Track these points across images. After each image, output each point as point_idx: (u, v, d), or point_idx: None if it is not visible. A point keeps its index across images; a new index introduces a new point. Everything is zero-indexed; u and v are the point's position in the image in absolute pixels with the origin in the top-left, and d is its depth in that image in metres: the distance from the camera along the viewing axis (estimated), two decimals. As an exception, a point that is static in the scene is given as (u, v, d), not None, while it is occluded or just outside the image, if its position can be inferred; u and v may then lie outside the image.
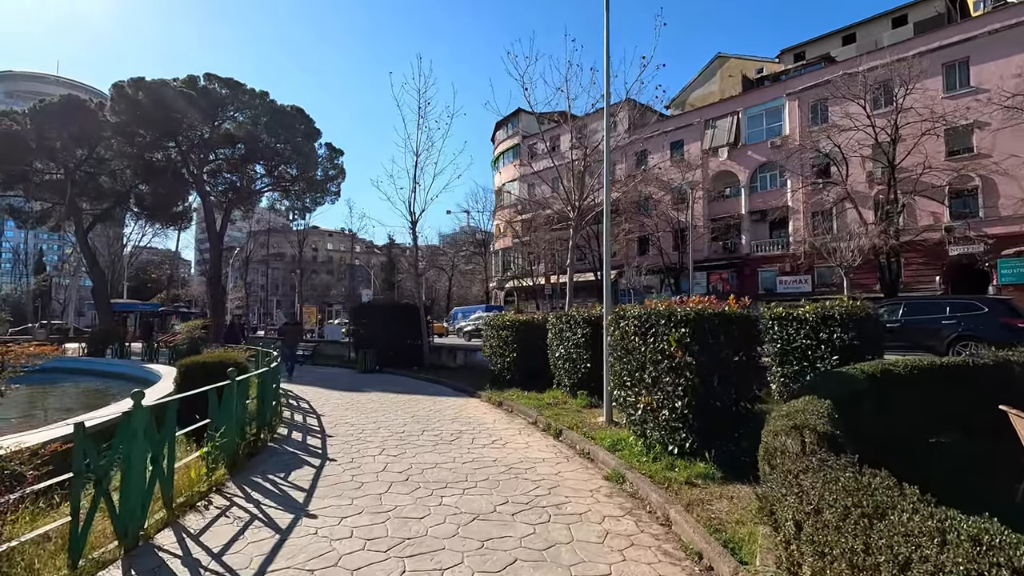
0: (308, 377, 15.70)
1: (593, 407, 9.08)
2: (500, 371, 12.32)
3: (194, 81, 35.48)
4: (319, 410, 9.43)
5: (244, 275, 66.35)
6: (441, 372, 15.28)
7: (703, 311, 5.45)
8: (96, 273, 38.94)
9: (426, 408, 9.69)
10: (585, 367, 9.55)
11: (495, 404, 10.20)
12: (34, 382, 11.99)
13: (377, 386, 13.09)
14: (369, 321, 17.97)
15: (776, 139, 33.84)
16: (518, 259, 48.76)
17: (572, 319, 9.86)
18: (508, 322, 12.03)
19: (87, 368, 18.14)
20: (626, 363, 6.13)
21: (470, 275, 69.61)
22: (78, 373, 17.21)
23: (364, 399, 10.77)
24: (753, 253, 35.21)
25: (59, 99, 35.26)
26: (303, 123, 38.76)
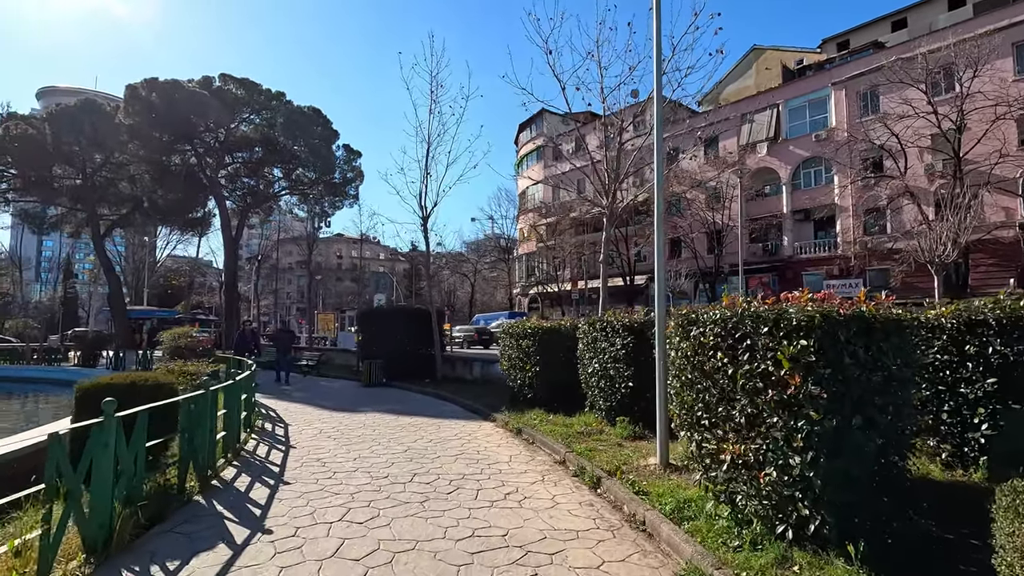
0: (307, 391, 13.99)
1: (637, 439, 7.07)
2: (520, 388, 10.37)
3: (209, 82, 34.62)
4: (294, 439, 7.62)
5: (256, 283, 65.87)
6: (454, 387, 13.40)
7: (831, 312, 3.44)
8: (112, 279, 38.33)
9: (427, 437, 7.79)
10: (626, 387, 7.54)
11: (512, 432, 8.25)
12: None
13: (378, 404, 11.27)
14: (376, 328, 16.21)
15: (821, 132, 31.30)
16: (542, 264, 46.79)
17: (609, 326, 7.88)
18: (529, 329, 10.09)
19: (36, 376, 16.95)
20: (700, 391, 4.13)
21: (494, 282, 67.96)
22: (24, 381, 16.28)
23: (355, 423, 8.93)
24: (796, 255, 32.61)
25: (76, 103, 34.74)
26: (320, 124, 37.63)
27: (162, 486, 4.66)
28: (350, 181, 39.89)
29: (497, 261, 62.09)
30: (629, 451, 6.47)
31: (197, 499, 4.80)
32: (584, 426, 7.87)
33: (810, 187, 32.31)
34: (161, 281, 58.49)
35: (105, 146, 35.04)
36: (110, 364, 18.67)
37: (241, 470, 5.89)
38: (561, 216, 43.66)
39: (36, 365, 18.90)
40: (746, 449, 3.71)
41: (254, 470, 5.92)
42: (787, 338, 3.47)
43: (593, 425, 7.88)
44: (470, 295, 63.01)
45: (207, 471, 5.29)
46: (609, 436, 7.23)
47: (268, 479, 5.53)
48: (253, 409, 8.56)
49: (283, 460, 6.35)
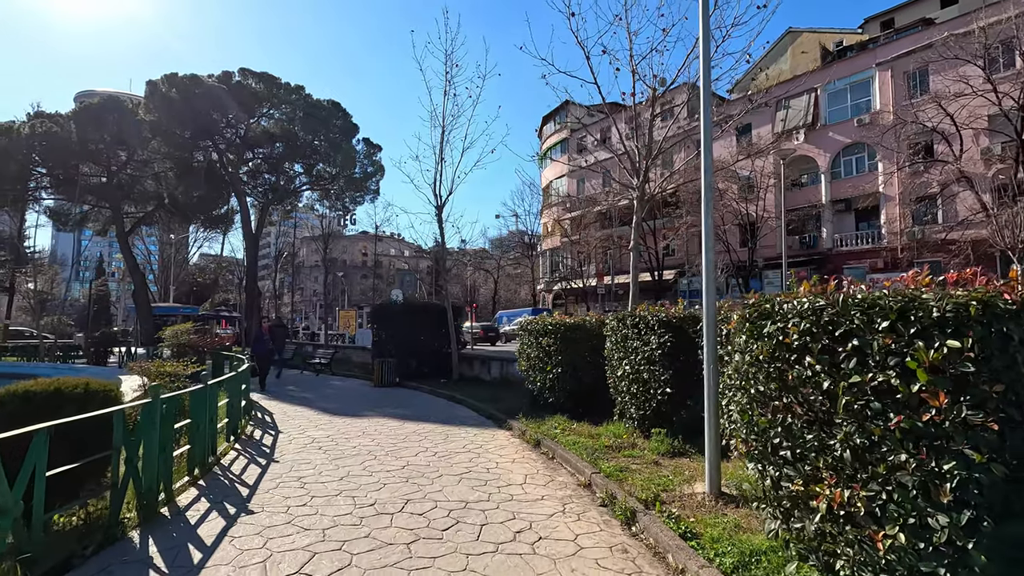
0: (313, 391, 13.15)
1: (678, 455, 5.94)
2: (540, 391, 9.30)
3: (228, 76, 34.32)
4: (280, 450, 6.68)
5: (275, 279, 66.07)
6: (470, 388, 12.39)
7: (994, 298, 2.29)
8: (137, 277, 38.44)
9: (431, 449, 6.78)
10: (663, 393, 6.42)
11: (530, 443, 7.19)
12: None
13: (385, 407, 10.32)
14: (390, 326, 15.30)
15: (864, 116, 29.36)
16: (567, 259, 45.57)
17: (643, 322, 6.75)
18: (550, 326, 9.01)
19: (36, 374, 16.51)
20: (779, 409, 3.01)
21: (517, 278, 66.92)
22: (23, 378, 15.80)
23: (354, 430, 7.98)
24: (836, 247, 30.74)
25: (98, 100, 34.82)
26: (340, 118, 37.06)
27: (85, 521, 3.75)
28: (371, 176, 39.26)
29: (521, 257, 61.01)
30: (669, 472, 5.35)
31: (131, 536, 3.86)
32: (613, 438, 6.77)
33: (851, 175, 30.39)
34: (187, 279, 59.01)
35: (128, 143, 35.08)
36: (121, 362, 18.20)
37: (203, 493, 4.96)
38: (586, 210, 42.39)
39: (47, 362, 18.56)
40: (852, 496, 2.58)
41: (219, 493, 4.98)
42: (923, 337, 2.33)
43: (624, 437, 6.76)
44: (493, 292, 62.08)
45: (156, 497, 4.36)
46: (643, 452, 6.12)
47: (231, 506, 4.58)
48: (240, 416, 7.68)
49: (258, 479, 5.40)
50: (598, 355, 8.57)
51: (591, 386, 8.76)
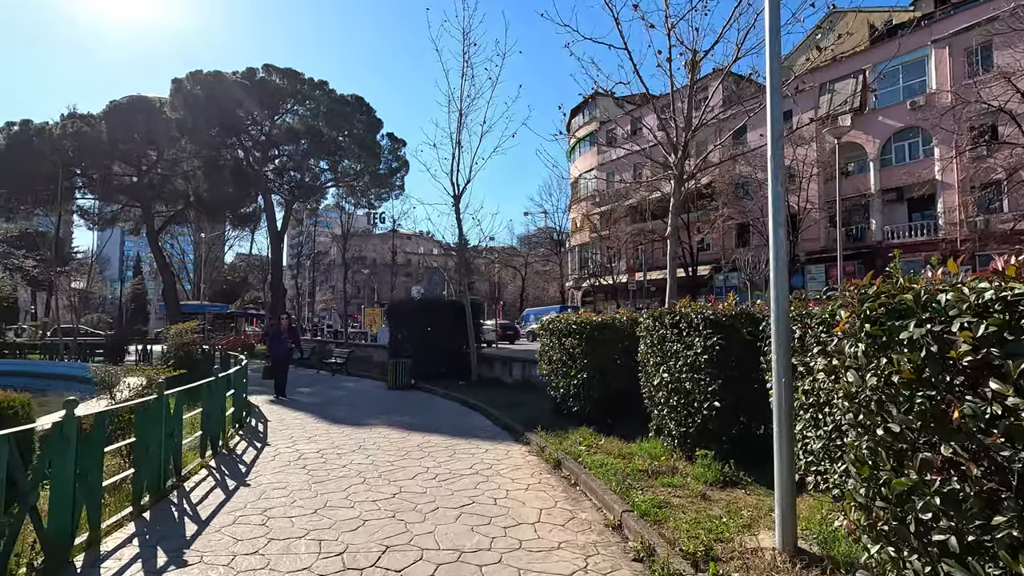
0: (320, 395, 12.33)
1: (730, 486, 4.79)
2: (563, 399, 8.21)
3: (252, 73, 34.09)
4: (259, 470, 5.75)
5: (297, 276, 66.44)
6: (488, 392, 11.37)
7: None
8: (166, 275, 38.80)
9: (433, 470, 5.76)
10: (709, 407, 5.26)
11: (549, 463, 6.10)
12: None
13: (392, 413, 9.38)
14: (405, 323, 14.41)
15: (918, 98, 27.22)
16: (596, 255, 44.18)
17: (685, 321, 5.59)
18: (574, 325, 7.90)
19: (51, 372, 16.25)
20: (936, 466, 1.85)
21: (546, 276, 65.73)
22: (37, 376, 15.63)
23: (351, 443, 7.02)
24: (887, 240, 28.67)
25: (127, 100, 35.06)
26: (364, 113, 36.51)
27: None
28: (395, 171, 38.67)
29: (550, 254, 59.81)
30: (721, 511, 4.20)
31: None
32: (648, 459, 5.64)
33: (903, 162, 28.25)
34: (218, 278, 59.75)
35: (157, 143, 35.26)
36: (139, 360, 17.80)
37: (141, 531, 4.04)
38: (616, 204, 40.94)
39: (67, 361, 18.35)
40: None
41: (159, 531, 4.06)
42: None
43: (661, 459, 5.62)
44: (521, 289, 61.04)
45: (67, 541, 3.45)
46: (686, 479, 4.98)
47: (164, 552, 3.64)
48: (224, 426, 6.81)
49: (216, 510, 4.46)
50: (630, 358, 7.45)
51: (621, 394, 7.64)
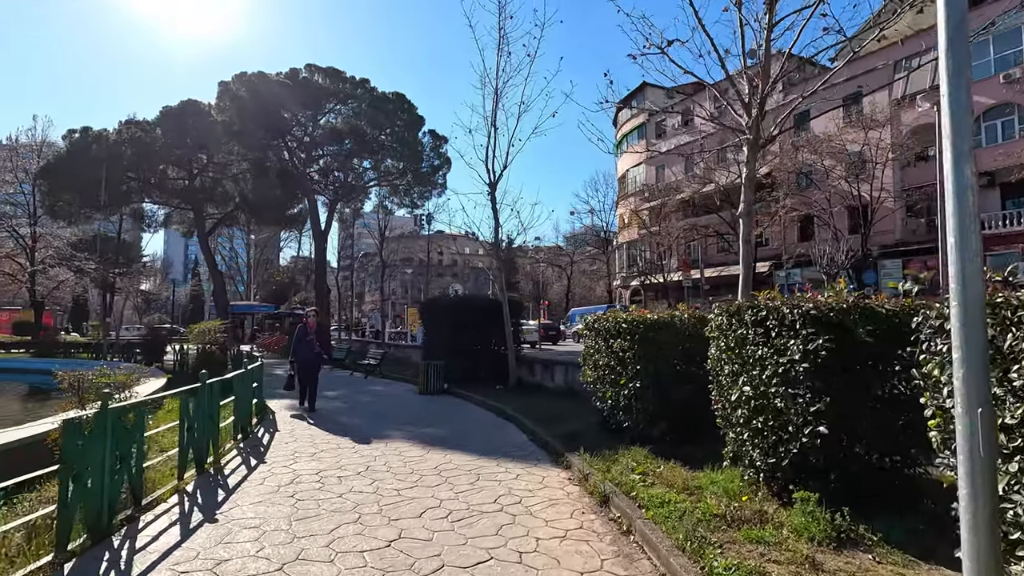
0: (343, 399, 11.42)
1: (848, 546, 3.42)
2: (611, 412, 6.92)
3: (295, 73, 34.10)
4: (237, 500, 4.74)
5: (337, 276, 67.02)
6: (526, 399, 10.19)
7: None
8: (216, 276, 39.51)
9: (447, 505, 4.60)
10: (812, 433, 3.88)
11: (595, 497, 4.84)
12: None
13: (417, 424, 8.33)
14: (439, 323, 13.42)
15: (1013, 70, 24.24)
16: (645, 252, 42.26)
17: (774, 316, 4.22)
18: (625, 324, 6.60)
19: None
20: None
21: (592, 275, 64.03)
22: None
23: (358, 465, 5.93)
24: (976, 231, 25.67)
25: (179, 105, 35.82)
26: (405, 111, 36.00)
27: None
28: (437, 169, 38.03)
29: (597, 253, 58.06)
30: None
31: None
32: (724, 497, 4.32)
33: (995, 143, 25.27)
34: (268, 279, 61.03)
35: (206, 146, 35.89)
36: (175, 360, 17.55)
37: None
38: (667, 198, 38.94)
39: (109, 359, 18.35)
40: None
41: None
42: None
43: (743, 499, 4.28)
44: (566, 288, 59.55)
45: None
46: (781, 532, 3.63)
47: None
48: (217, 441, 5.89)
49: (151, 566, 3.45)
50: (693, 364, 6.13)
51: (683, 406, 6.31)
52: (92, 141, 33.88)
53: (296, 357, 9.86)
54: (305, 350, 9.81)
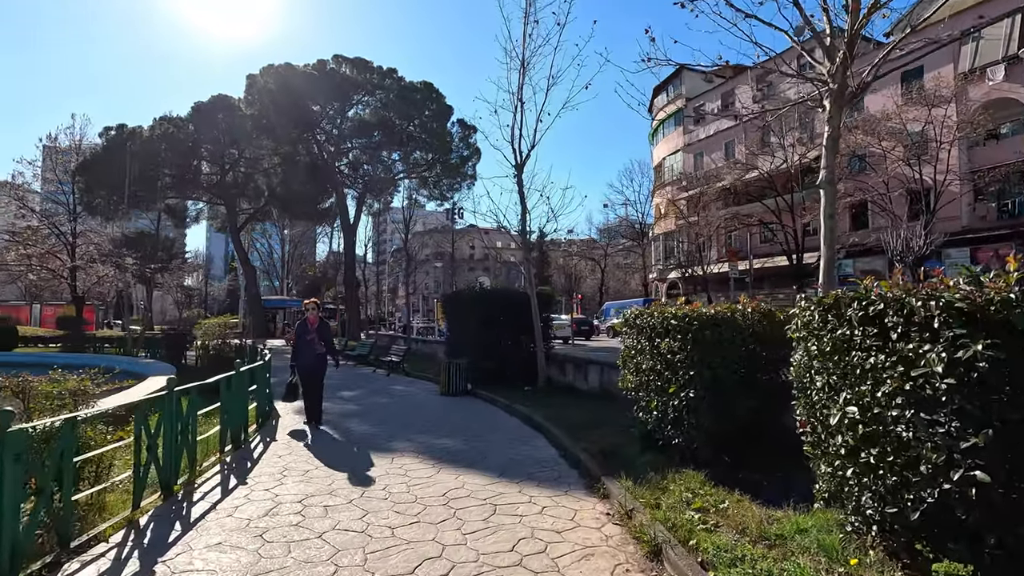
0: (359, 402, 10.57)
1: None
2: (657, 425, 5.78)
3: (323, 65, 33.60)
4: (187, 542, 3.83)
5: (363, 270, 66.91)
6: (557, 402, 9.13)
7: None
8: (248, 271, 39.66)
9: (449, 556, 3.56)
10: (963, 479, 2.69)
11: (643, 547, 3.73)
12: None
13: (433, 431, 7.38)
14: (462, 317, 12.46)
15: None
16: (683, 244, 40.46)
17: (898, 311, 3.02)
18: (674, 321, 5.45)
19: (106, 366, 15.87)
20: None
21: (627, 268, 62.30)
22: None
23: (354, 486, 4.95)
24: (1055, 216, 23.30)
25: (210, 100, 35.85)
26: (433, 101, 35.17)
27: None
28: (467, 160, 37.15)
29: (632, 246, 56.34)
30: None
31: None
32: (820, 554, 3.20)
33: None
34: (300, 274, 61.44)
35: (237, 141, 35.89)
36: (197, 356, 17.11)
37: None
38: (706, 187, 37.06)
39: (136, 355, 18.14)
40: None
41: None
42: None
43: (851, 563, 3.12)
44: (600, 282, 58.04)
45: None
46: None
47: None
48: (194, 457, 5.03)
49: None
50: (759, 369, 5.00)
51: (746, 422, 5.16)
52: (127, 138, 34.19)
53: (296, 361, 8.23)
54: (306, 352, 8.13)
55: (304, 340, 8.21)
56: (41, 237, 31.67)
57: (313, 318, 8.36)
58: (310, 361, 8.10)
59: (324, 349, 8.22)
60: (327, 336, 8.38)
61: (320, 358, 8.18)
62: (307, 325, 8.28)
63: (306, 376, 8.08)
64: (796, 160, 30.36)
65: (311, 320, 8.33)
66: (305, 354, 8.14)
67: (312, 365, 8.11)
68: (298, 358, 8.22)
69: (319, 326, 8.26)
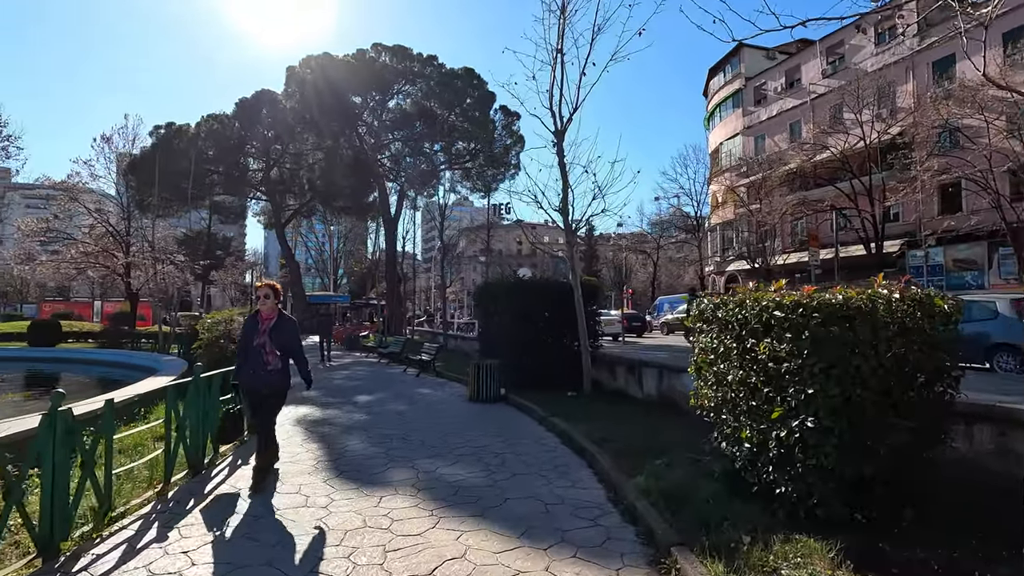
0: (375, 409, 9.13)
1: None
2: (751, 461, 4.02)
3: (362, 54, 32.79)
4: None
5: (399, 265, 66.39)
6: (605, 414, 7.43)
7: None
8: (293, 267, 39.63)
9: None
10: None
11: None
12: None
13: (448, 455, 5.84)
14: (495, 312, 10.90)
15: None
16: (743, 233, 37.55)
17: None
18: (779, 313, 3.66)
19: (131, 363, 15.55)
20: None
21: (679, 262, 59.30)
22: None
23: (313, 549, 3.44)
24: None
25: (252, 95, 35.71)
26: (475, 87, 33.76)
27: None
28: (510, 148, 35.58)
29: (686, 239, 53.41)
30: None
31: None
32: None
33: None
34: (347, 270, 61.61)
35: (281, 136, 35.69)
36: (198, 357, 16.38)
37: None
38: (769, 171, 34.06)
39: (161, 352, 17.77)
40: None
41: None
42: None
43: None
44: (652, 276, 55.39)
45: None
46: None
47: None
48: (109, 501, 3.68)
49: None
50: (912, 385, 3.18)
51: (895, 463, 3.36)
52: (174, 136, 34.54)
53: (240, 377, 5.07)
54: (253, 364, 4.87)
55: (252, 349, 4.88)
56: (96, 236, 32.29)
57: (268, 311, 4.97)
58: (257, 381, 4.86)
59: (282, 364, 4.93)
60: (289, 342, 4.95)
61: (276, 378, 4.89)
62: (257, 322, 4.96)
63: (255, 399, 5.01)
64: (875, 137, 27.18)
65: (263, 314, 4.97)
66: (252, 368, 4.87)
67: (259, 386, 4.87)
68: (239, 373, 5.04)
69: (276, 324, 4.91)
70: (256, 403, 5.01)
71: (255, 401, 5.01)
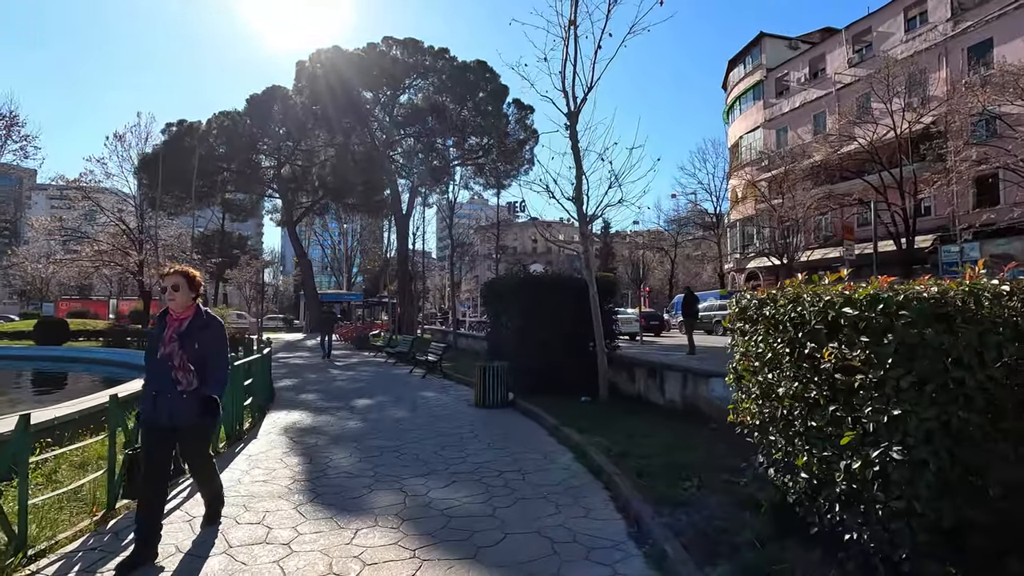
0: (371, 416, 8.41)
1: None
2: (807, 499, 3.21)
3: (372, 47, 32.20)
4: None
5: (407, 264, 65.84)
6: (624, 425, 6.63)
7: None
8: (304, 265, 39.24)
9: None
10: None
11: None
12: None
13: (443, 476, 5.08)
14: (503, 310, 10.14)
15: None
16: (764, 229, 36.29)
17: None
18: (851, 310, 2.85)
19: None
20: None
21: (697, 260, 58.03)
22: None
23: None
24: None
25: (263, 91, 35.33)
26: (487, 80, 33.00)
27: None
28: (524, 143, 34.78)
29: (704, 236, 52.15)
30: None
31: None
32: None
33: None
34: (369, 267, 61.29)
35: (291, 132, 35.29)
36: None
37: None
38: (792, 164, 32.78)
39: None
40: None
41: None
42: None
43: None
44: (669, 274, 54.20)
45: None
46: None
47: None
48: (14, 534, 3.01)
49: None
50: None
51: (1007, 511, 2.51)
52: (185, 133, 34.31)
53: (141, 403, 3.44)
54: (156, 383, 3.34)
55: (157, 361, 3.36)
56: (109, 235, 32.17)
57: (180, 308, 3.45)
58: (159, 410, 3.31)
59: (197, 383, 3.36)
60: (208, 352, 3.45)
61: (188, 405, 3.34)
62: (164, 324, 3.45)
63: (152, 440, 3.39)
64: (905, 127, 25.86)
65: (173, 313, 3.46)
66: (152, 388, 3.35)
67: (160, 417, 3.32)
68: (143, 398, 3.40)
69: (191, 326, 3.43)
70: (153, 445, 3.35)
71: (152, 442, 3.36)
